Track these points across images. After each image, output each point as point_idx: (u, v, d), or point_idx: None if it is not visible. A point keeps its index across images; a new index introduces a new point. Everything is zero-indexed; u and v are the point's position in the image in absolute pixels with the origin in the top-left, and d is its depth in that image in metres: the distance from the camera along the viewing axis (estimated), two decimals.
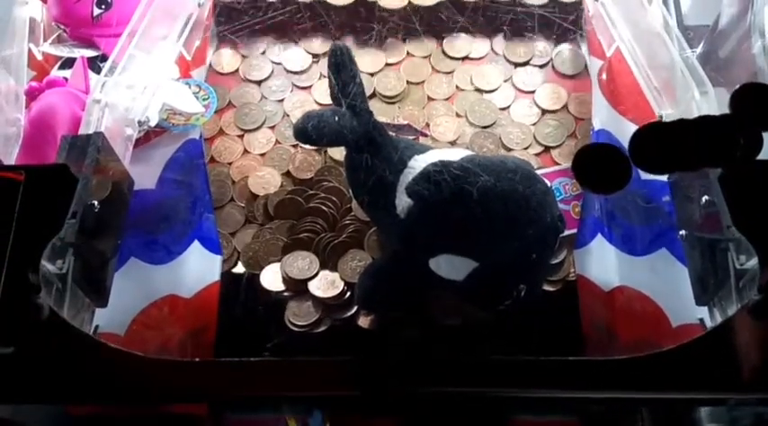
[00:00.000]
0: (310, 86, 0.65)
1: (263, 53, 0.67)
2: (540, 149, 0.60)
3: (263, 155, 0.61)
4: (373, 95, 0.64)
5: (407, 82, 0.64)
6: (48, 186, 0.39)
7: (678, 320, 0.49)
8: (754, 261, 0.37)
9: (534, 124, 0.61)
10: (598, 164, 0.32)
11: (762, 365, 0.33)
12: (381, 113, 0.62)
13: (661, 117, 0.50)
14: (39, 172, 0.39)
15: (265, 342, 0.51)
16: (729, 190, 0.38)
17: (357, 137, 0.49)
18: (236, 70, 0.66)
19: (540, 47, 0.65)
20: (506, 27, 0.66)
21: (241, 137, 0.62)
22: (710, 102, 0.47)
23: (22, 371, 0.36)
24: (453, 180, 0.43)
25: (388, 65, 0.66)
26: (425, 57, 0.66)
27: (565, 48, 0.65)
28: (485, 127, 0.61)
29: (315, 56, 0.66)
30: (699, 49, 0.65)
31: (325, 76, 0.58)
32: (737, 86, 0.33)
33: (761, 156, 0.33)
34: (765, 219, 0.36)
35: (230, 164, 0.60)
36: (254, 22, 0.67)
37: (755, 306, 0.34)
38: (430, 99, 0.63)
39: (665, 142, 0.33)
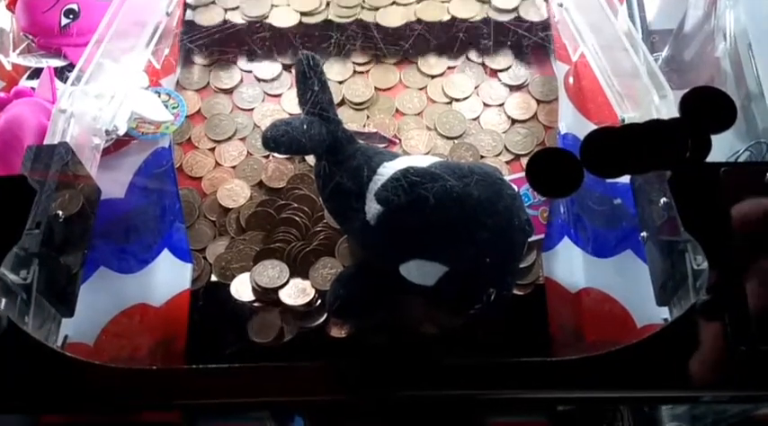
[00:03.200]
0: (280, 95, 0.65)
1: (233, 62, 0.67)
2: (510, 157, 0.61)
3: (234, 167, 0.61)
4: (342, 103, 0.64)
5: (375, 88, 0.65)
6: (5, 197, 0.39)
7: (643, 320, 0.49)
8: None
9: (505, 132, 0.62)
10: (550, 168, 0.33)
11: (711, 364, 0.34)
12: (350, 120, 0.62)
13: (623, 120, 0.51)
14: None
15: (235, 351, 0.51)
16: (679, 192, 0.39)
17: (324, 145, 0.49)
18: (206, 80, 0.66)
19: (517, 71, 0.65)
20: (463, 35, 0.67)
21: (212, 150, 0.62)
22: (670, 105, 0.48)
23: None
24: (421, 185, 0.43)
25: (356, 72, 0.66)
26: (395, 64, 0.67)
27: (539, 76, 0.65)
28: (454, 137, 0.62)
29: (285, 65, 0.67)
30: (664, 53, 0.66)
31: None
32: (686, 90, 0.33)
33: (709, 159, 0.34)
34: (713, 221, 0.36)
35: (200, 178, 0.60)
36: (217, 30, 0.67)
37: (703, 307, 0.34)
38: (400, 113, 0.64)
39: (615, 146, 0.33)
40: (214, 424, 0.51)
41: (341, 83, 0.65)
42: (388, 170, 0.47)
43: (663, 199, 0.41)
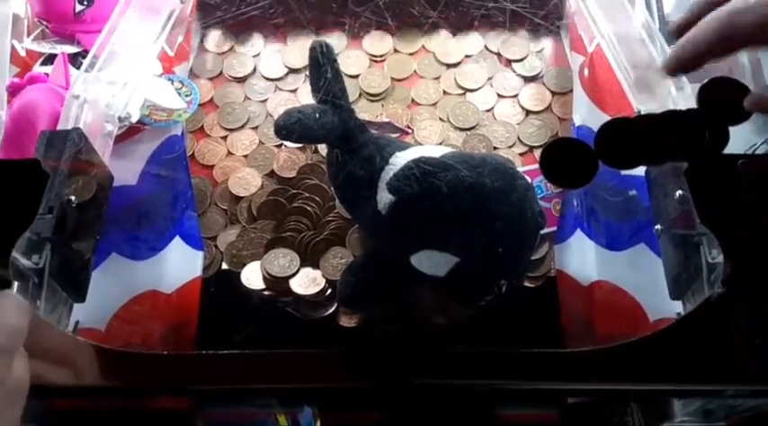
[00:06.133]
0: (296, 90, 0.65)
1: (245, 51, 0.67)
2: (523, 149, 0.60)
3: (246, 156, 0.61)
4: (359, 96, 0.64)
5: (392, 78, 0.64)
6: (18, 181, 0.39)
7: (656, 314, 0.49)
8: None
9: (519, 123, 0.61)
10: (564, 158, 0.33)
11: (726, 356, 0.33)
12: (364, 111, 0.62)
13: (639, 112, 0.50)
14: (9, 166, 0.39)
15: (246, 339, 0.51)
16: (695, 184, 0.38)
17: (336, 133, 0.49)
18: (220, 68, 0.66)
19: (532, 61, 0.65)
20: (477, 21, 0.66)
21: (225, 138, 0.62)
22: (686, 97, 0.47)
23: None
24: (434, 175, 0.43)
25: (373, 61, 0.66)
26: (411, 54, 0.66)
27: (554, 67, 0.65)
28: (467, 129, 0.61)
29: (294, 69, 0.66)
30: None
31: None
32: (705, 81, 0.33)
33: (727, 150, 0.34)
34: (730, 213, 0.36)
35: (212, 166, 0.60)
36: (231, 16, 0.67)
37: (718, 300, 0.34)
38: (414, 103, 0.63)
39: (630, 137, 0.33)
40: (220, 411, 0.51)
41: (356, 77, 0.64)
42: (399, 160, 0.47)
43: (678, 192, 0.41)
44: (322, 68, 0.49)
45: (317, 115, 0.48)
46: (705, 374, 0.34)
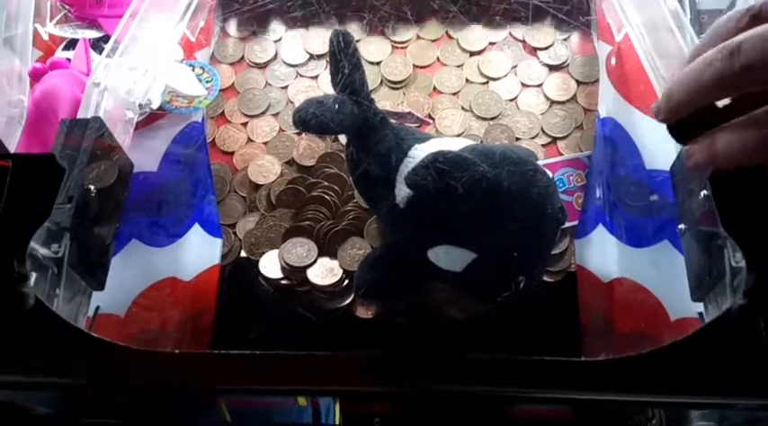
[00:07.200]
0: (317, 76, 0.64)
1: (266, 36, 0.67)
2: (546, 140, 0.59)
3: (266, 143, 0.60)
4: (381, 84, 0.63)
5: (414, 66, 0.64)
6: (34, 175, 0.39)
7: (677, 314, 0.48)
8: None
9: (542, 114, 0.60)
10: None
11: (745, 369, 0.32)
12: (386, 98, 0.61)
13: None
14: (25, 160, 0.39)
15: (264, 329, 0.51)
16: (719, 189, 0.37)
17: (355, 126, 0.48)
18: (241, 53, 0.66)
19: (558, 50, 0.64)
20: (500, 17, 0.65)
21: (245, 125, 0.62)
22: None
23: (5, 359, 0.36)
24: (451, 173, 0.42)
25: (395, 48, 0.65)
26: (434, 41, 0.65)
27: (580, 56, 0.63)
28: (490, 118, 0.60)
29: (314, 55, 0.66)
30: None
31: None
32: None
33: None
34: (754, 222, 0.35)
35: (232, 153, 0.60)
36: (255, 6, 0.67)
37: (739, 312, 0.33)
38: (436, 91, 0.62)
39: None
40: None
41: (378, 64, 0.64)
42: (419, 152, 0.46)
43: (704, 192, 0.40)
44: (340, 63, 0.48)
45: (337, 107, 0.47)
46: (722, 386, 0.33)
